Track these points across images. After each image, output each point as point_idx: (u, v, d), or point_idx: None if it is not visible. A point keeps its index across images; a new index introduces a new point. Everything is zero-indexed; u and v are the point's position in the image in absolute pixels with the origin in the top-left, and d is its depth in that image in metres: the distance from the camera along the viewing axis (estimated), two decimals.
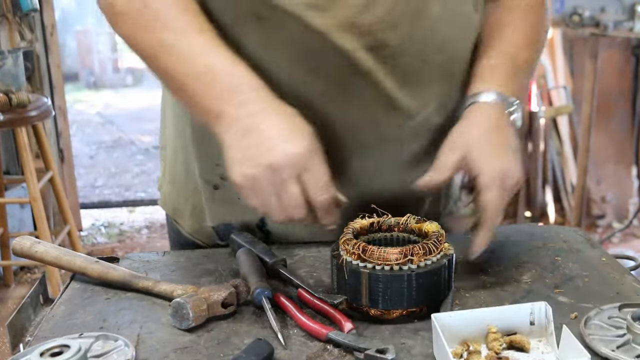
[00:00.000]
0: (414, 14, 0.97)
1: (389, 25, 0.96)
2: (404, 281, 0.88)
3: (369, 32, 0.95)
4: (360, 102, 1.00)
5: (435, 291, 0.91)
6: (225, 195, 1.12)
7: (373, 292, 0.89)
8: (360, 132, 1.03)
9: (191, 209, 1.19)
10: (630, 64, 3.82)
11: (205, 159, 1.12)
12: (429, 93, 1.04)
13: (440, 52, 1.01)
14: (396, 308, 0.90)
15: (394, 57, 0.98)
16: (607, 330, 0.86)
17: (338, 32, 0.94)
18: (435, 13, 0.98)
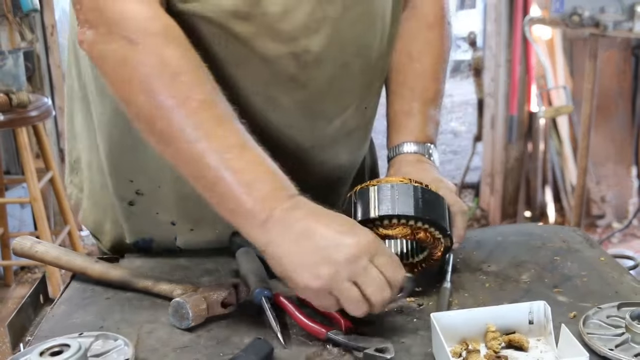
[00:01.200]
0: (334, 18, 0.98)
1: (310, 31, 0.97)
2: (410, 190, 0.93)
3: (290, 39, 0.96)
4: (283, 108, 1.02)
5: (440, 211, 0.95)
6: (142, 209, 1.10)
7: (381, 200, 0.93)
8: (283, 138, 1.05)
9: (111, 225, 1.15)
10: (630, 64, 3.82)
11: (119, 175, 1.09)
12: (349, 97, 1.07)
13: (360, 56, 1.04)
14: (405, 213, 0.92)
15: (317, 62, 0.99)
16: (606, 329, 0.86)
17: (260, 39, 0.95)
18: (355, 17, 1.00)
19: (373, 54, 1.06)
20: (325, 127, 1.07)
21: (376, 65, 1.08)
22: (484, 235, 1.18)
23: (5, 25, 3.47)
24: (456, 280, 1.01)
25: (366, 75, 1.07)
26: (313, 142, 1.07)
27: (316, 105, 1.04)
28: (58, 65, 3.81)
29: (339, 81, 1.03)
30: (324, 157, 1.10)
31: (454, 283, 1.00)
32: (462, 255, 1.10)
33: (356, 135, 1.13)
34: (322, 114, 1.06)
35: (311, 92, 1.02)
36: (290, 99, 1.02)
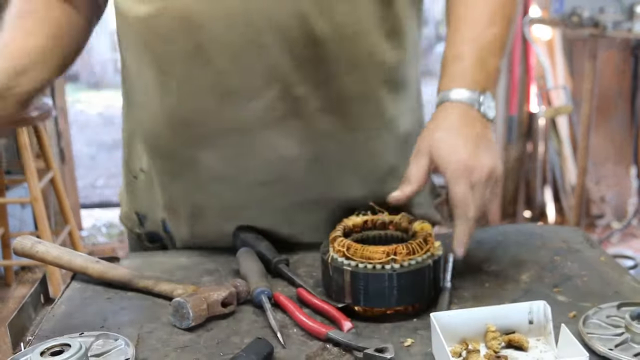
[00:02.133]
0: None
1: (203, 7, 0.97)
2: (384, 280, 0.89)
3: (182, 17, 0.98)
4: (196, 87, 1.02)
5: (419, 291, 0.92)
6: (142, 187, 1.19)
7: (355, 290, 0.90)
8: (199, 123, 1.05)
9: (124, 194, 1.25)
10: (629, 64, 3.82)
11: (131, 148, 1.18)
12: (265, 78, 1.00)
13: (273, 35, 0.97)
14: (378, 306, 0.91)
15: (216, 39, 0.98)
16: (606, 329, 0.86)
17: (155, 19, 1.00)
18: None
19: (295, 34, 0.97)
20: (242, 109, 1.02)
21: (309, 48, 0.98)
22: (484, 235, 1.18)
23: None
24: (456, 280, 1.01)
25: (287, 55, 0.98)
26: (235, 126, 1.03)
27: (223, 85, 1.01)
28: None
29: (247, 59, 0.98)
30: (257, 146, 1.05)
31: (454, 283, 1.00)
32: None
33: (293, 124, 1.03)
34: (233, 95, 1.01)
35: (215, 70, 1.00)
36: (196, 79, 1.01)
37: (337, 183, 1.10)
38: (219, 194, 1.11)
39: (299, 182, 1.08)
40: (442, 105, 0.98)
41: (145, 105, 1.09)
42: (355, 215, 1.02)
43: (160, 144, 1.10)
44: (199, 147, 1.06)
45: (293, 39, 0.98)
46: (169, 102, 1.04)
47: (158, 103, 1.05)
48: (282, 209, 1.11)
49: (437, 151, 0.94)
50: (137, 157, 1.18)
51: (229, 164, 1.07)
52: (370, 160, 1.10)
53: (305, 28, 0.98)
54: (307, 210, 1.11)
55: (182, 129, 1.05)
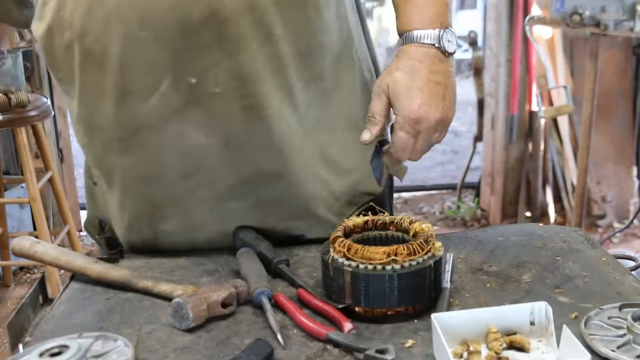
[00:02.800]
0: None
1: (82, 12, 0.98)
2: (385, 281, 0.89)
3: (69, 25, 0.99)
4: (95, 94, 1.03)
5: (420, 292, 0.91)
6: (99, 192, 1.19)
7: (355, 291, 0.90)
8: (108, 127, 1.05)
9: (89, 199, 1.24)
10: (630, 63, 3.82)
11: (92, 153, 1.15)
12: (154, 73, 0.99)
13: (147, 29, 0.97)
14: (378, 307, 0.91)
15: (98, 41, 0.99)
16: (608, 330, 0.85)
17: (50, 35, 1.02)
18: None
19: (170, 23, 0.96)
20: (141, 107, 1.02)
21: (186, 34, 0.97)
22: (484, 235, 1.18)
23: None
24: (457, 281, 1.01)
25: (168, 46, 0.97)
26: (139, 124, 1.03)
27: (117, 86, 1.00)
28: None
29: (132, 56, 0.98)
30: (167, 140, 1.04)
31: (455, 283, 1.00)
32: (463, 255, 1.10)
33: (193, 112, 1.02)
34: (129, 94, 1.01)
35: (106, 73, 1.00)
36: (92, 85, 1.02)
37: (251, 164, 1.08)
38: (147, 196, 1.10)
39: (217, 170, 1.07)
40: (404, 48, 1.00)
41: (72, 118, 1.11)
42: (356, 216, 1.01)
43: (88, 155, 1.14)
44: (116, 152, 1.07)
45: (169, 30, 0.97)
46: (80, 111, 1.07)
47: (75, 113, 1.08)
48: (208, 200, 1.10)
49: (394, 92, 0.98)
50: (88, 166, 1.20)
51: (147, 163, 1.07)
52: (277, 139, 1.07)
53: (180, 16, 0.96)
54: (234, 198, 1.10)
55: (95, 135, 1.08)
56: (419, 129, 0.97)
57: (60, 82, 1.08)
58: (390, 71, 0.99)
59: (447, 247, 1.05)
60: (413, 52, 0.99)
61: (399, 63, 0.99)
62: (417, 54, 0.99)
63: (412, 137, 0.98)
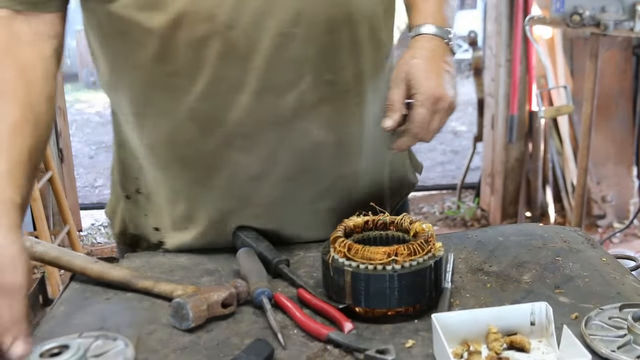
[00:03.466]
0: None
1: (230, 7, 0.96)
2: (385, 281, 0.89)
3: (209, 17, 0.96)
4: (228, 86, 1.01)
5: (420, 292, 0.91)
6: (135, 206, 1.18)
7: (355, 291, 0.90)
8: (234, 121, 1.03)
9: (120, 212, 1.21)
10: (630, 63, 3.82)
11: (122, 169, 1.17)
12: (298, 69, 1.02)
13: (300, 25, 0.99)
14: (378, 307, 0.91)
15: (245, 36, 0.98)
16: (608, 330, 0.85)
17: (180, 26, 0.97)
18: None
19: (320, 21, 1.01)
20: (278, 102, 1.03)
21: (334, 32, 1.03)
22: (484, 236, 1.18)
23: None
24: (457, 281, 1.01)
25: (317, 43, 1.02)
26: (270, 119, 1.04)
27: (259, 81, 1.01)
28: None
29: (280, 52, 1.00)
30: (290, 136, 1.06)
31: (455, 283, 1.00)
32: (463, 255, 1.10)
33: (324, 110, 1.06)
34: (269, 89, 1.02)
35: (249, 67, 1.00)
36: (229, 79, 1.01)
37: (351, 162, 1.14)
38: (249, 195, 1.10)
39: (323, 169, 1.11)
40: (417, 38, 1.06)
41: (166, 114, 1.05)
42: (356, 216, 1.01)
43: (185, 152, 1.08)
44: (233, 148, 1.06)
45: (318, 27, 1.01)
46: (200, 106, 1.03)
47: (186, 108, 1.03)
48: (303, 201, 1.12)
49: (413, 75, 1.01)
50: (133, 178, 1.17)
51: (263, 160, 1.07)
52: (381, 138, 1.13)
53: (329, 14, 1.02)
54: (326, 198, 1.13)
55: (215, 131, 1.04)
56: (437, 107, 1.00)
57: (157, 77, 1.02)
58: (406, 60, 1.03)
59: (448, 247, 1.05)
60: (427, 42, 1.05)
61: (415, 52, 1.04)
62: (432, 44, 1.05)
63: (430, 115, 1.00)
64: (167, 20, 0.97)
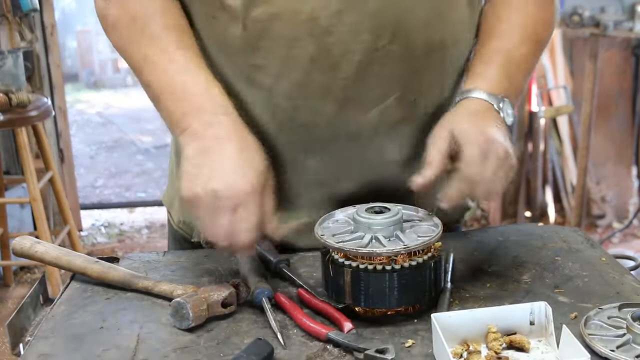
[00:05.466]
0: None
1: (330, 11, 0.95)
2: (385, 280, 0.89)
3: (309, 19, 0.95)
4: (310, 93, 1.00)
5: (420, 292, 0.91)
6: None
7: (355, 290, 0.90)
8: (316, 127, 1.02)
9: (180, 200, 1.19)
10: (630, 64, 3.82)
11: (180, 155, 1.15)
12: (386, 85, 1.01)
13: (396, 43, 0.98)
14: (378, 307, 0.91)
15: (341, 44, 0.97)
16: (607, 330, 0.86)
17: (278, 20, 0.95)
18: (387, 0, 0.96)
19: (417, 41, 1.00)
20: (360, 116, 1.03)
21: (428, 54, 1.01)
22: (484, 236, 1.18)
23: (4, 25, 3.47)
24: (457, 281, 1.01)
25: (409, 63, 1.01)
26: (350, 132, 1.03)
27: (346, 92, 1.00)
28: (58, 65, 3.81)
29: (371, 67, 0.99)
30: (365, 151, 1.06)
31: (455, 283, 1.00)
32: (463, 255, 1.10)
33: (404, 129, 1.06)
34: (354, 102, 1.01)
35: (338, 77, 0.99)
36: (316, 84, 0.99)
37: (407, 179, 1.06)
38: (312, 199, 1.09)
39: (388, 183, 1.08)
40: (463, 101, 1.01)
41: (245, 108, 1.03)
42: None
43: None
44: (307, 151, 1.05)
45: (413, 47, 1.00)
46: (282, 105, 1.01)
47: (268, 104, 1.02)
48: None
49: (458, 129, 0.95)
50: None
51: (331, 169, 1.06)
52: None
53: (425, 36, 1.00)
54: None
55: (292, 132, 1.03)
56: (488, 148, 0.92)
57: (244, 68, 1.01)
58: (450, 118, 0.98)
59: (447, 247, 1.05)
60: (472, 104, 0.99)
61: (458, 110, 0.99)
62: (476, 105, 0.99)
63: (482, 155, 0.92)
64: (267, 13, 0.96)
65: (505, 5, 1.08)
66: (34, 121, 2.93)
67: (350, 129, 1.03)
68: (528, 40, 1.06)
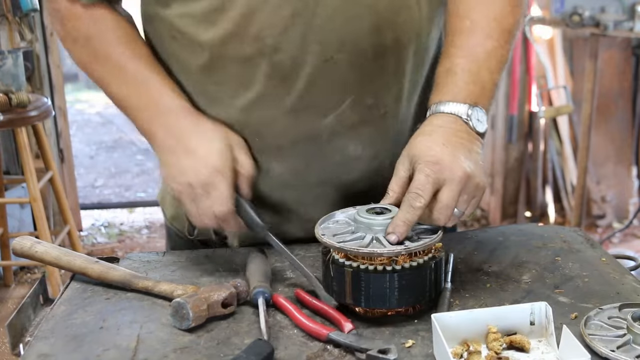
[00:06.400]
0: (305, 14, 0.97)
1: (277, 29, 0.97)
2: (385, 281, 0.89)
3: (257, 39, 0.98)
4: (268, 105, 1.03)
5: (420, 292, 0.91)
6: None
7: (356, 291, 0.90)
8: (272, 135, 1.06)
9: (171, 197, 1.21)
10: (630, 64, 3.82)
11: None
12: (339, 92, 1.03)
13: (344, 52, 0.99)
14: (378, 307, 0.91)
15: (291, 59, 0.99)
16: (607, 330, 0.85)
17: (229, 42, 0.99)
18: (331, 11, 0.97)
19: (365, 47, 1.00)
20: (317, 122, 1.04)
21: (380, 57, 1.02)
22: (484, 236, 1.18)
23: (4, 25, 3.47)
24: (457, 281, 1.01)
25: (360, 68, 1.01)
26: (308, 135, 1.05)
27: (301, 101, 1.02)
28: (57, 65, 3.81)
29: (323, 76, 1.01)
30: (325, 151, 1.07)
31: (455, 283, 1.00)
32: (463, 255, 1.10)
33: (363, 130, 1.07)
34: (309, 109, 1.03)
35: (292, 88, 1.01)
36: (271, 97, 1.02)
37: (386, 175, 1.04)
38: (281, 199, 1.12)
39: (357, 182, 1.11)
40: (429, 117, 0.98)
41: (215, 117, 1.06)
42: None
43: None
44: (270, 158, 1.08)
45: (364, 53, 1.01)
46: (240, 118, 1.05)
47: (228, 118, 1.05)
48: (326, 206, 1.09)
49: (414, 150, 0.93)
50: None
51: (296, 172, 1.09)
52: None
53: (375, 41, 1.01)
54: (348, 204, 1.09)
55: (252, 141, 1.06)
56: (440, 176, 0.89)
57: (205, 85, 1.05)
58: (410, 142, 0.95)
59: (447, 247, 1.05)
60: (436, 119, 0.96)
61: (420, 131, 0.96)
62: (440, 121, 0.96)
63: (430, 181, 0.89)
64: (217, 37, 1.00)
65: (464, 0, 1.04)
66: (33, 121, 2.93)
67: (307, 134, 1.06)
68: (494, 32, 1.02)
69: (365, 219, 0.92)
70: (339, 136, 1.07)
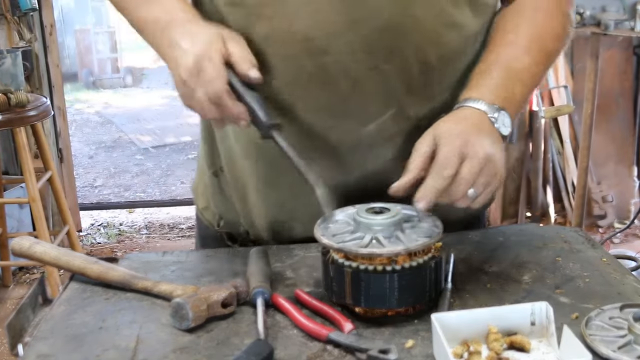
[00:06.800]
0: (358, 21, 0.97)
1: (327, 33, 0.97)
2: (385, 281, 0.88)
3: (306, 39, 0.98)
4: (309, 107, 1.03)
5: (420, 292, 0.91)
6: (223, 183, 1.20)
7: (355, 291, 0.90)
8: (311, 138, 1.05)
9: (203, 187, 1.26)
10: (631, 63, 3.82)
11: (210, 144, 1.19)
12: (383, 102, 1.03)
13: (391, 62, 1.00)
14: (378, 307, 0.90)
15: (337, 63, 0.99)
16: (608, 330, 0.85)
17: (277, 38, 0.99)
18: (384, 23, 0.97)
19: (412, 62, 1.01)
20: (357, 130, 1.05)
21: (425, 73, 1.03)
22: (485, 236, 1.17)
23: (3, 25, 3.47)
24: (457, 281, 1.01)
25: (405, 81, 1.02)
26: (346, 143, 1.06)
27: (344, 107, 1.02)
28: (57, 64, 3.81)
29: (367, 85, 1.01)
30: (361, 160, 1.08)
31: (455, 284, 0.99)
32: (463, 255, 1.10)
33: (398, 140, 1.07)
34: (351, 116, 1.03)
35: (336, 93, 1.01)
36: (314, 99, 1.02)
37: None
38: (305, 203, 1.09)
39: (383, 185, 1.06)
40: (456, 109, 0.99)
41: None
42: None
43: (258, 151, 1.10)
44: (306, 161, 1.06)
45: (410, 67, 1.01)
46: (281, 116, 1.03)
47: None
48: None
49: (439, 131, 0.94)
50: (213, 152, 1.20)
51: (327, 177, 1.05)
52: None
53: (421, 57, 1.01)
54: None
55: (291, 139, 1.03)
56: (464, 150, 0.91)
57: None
58: (434, 125, 0.96)
59: (448, 247, 1.04)
60: (463, 112, 0.98)
61: (445, 118, 0.97)
62: (467, 113, 0.97)
63: (457, 155, 0.91)
64: (264, 33, 0.99)
65: (514, 15, 1.07)
66: (32, 121, 2.93)
67: (346, 142, 1.06)
68: (533, 50, 1.04)
69: (365, 218, 0.92)
70: (375, 146, 1.07)
